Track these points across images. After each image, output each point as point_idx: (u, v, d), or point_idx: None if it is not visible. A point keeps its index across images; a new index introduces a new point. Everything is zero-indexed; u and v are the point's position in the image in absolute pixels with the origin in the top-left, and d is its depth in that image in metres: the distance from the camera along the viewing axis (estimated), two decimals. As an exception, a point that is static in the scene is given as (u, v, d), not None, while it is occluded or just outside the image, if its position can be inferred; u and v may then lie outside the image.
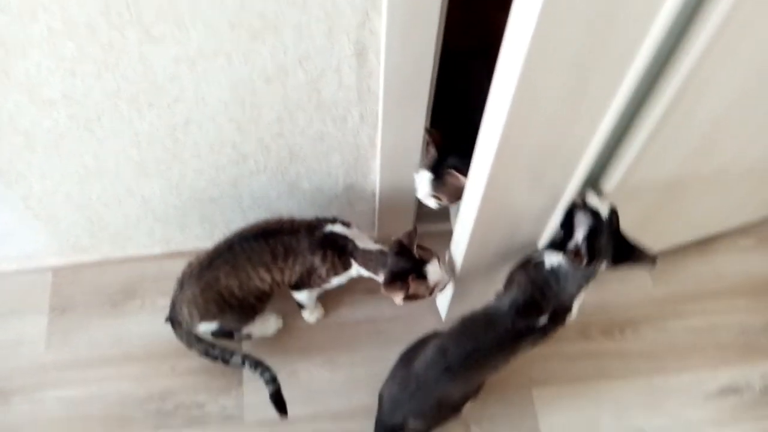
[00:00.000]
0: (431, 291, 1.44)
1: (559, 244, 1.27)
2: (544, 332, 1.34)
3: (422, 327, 1.54)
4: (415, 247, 1.43)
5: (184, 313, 1.56)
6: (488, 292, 1.44)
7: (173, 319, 1.59)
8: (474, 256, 1.41)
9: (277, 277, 1.53)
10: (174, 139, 1.38)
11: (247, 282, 1.51)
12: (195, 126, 1.35)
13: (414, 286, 1.40)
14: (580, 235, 1.22)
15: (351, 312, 1.81)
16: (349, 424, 1.64)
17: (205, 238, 1.78)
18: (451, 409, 1.49)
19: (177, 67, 1.19)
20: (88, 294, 1.80)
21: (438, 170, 1.43)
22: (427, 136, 1.44)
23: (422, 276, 1.41)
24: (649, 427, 1.67)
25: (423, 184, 1.48)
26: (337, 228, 1.50)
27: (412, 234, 1.44)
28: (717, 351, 1.77)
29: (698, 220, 1.73)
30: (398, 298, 1.41)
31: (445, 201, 1.49)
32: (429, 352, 1.40)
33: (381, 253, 1.46)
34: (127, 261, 1.83)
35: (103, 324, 1.76)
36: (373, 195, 1.68)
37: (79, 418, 1.65)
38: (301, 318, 1.78)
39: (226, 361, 1.60)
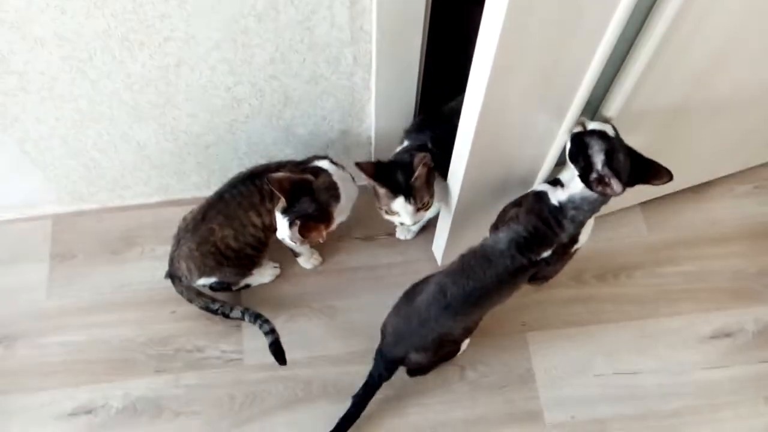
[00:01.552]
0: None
1: (581, 176, 1.21)
2: (548, 264, 1.34)
3: (419, 273, 1.54)
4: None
5: (183, 268, 1.58)
6: (484, 236, 1.45)
7: (172, 275, 1.62)
8: (470, 192, 1.41)
9: (267, 220, 1.53)
10: (167, 82, 1.38)
11: (241, 230, 1.52)
12: (187, 68, 1.35)
13: (320, 230, 1.42)
14: (599, 161, 1.18)
15: (348, 258, 1.82)
16: (348, 367, 1.67)
17: (203, 186, 1.79)
18: (452, 343, 1.51)
19: (166, 4, 1.18)
20: (88, 242, 1.82)
21: (404, 191, 1.42)
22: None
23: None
24: (641, 369, 1.69)
25: (402, 210, 1.46)
26: (324, 163, 1.50)
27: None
28: (710, 296, 1.78)
29: (696, 162, 1.73)
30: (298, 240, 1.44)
31: (429, 202, 1.47)
32: (430, 289, 1.41)
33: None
34: (126, 209, 1.85)
35: (104, 271, 1.79)
36: (369, 141, 1.69)
37: (81, 362, 1.68)
38: (298, 265, 1.79)
39: (226, 315, 1.64)
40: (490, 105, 1.12)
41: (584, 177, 1.21)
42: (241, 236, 1.54)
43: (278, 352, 1.58)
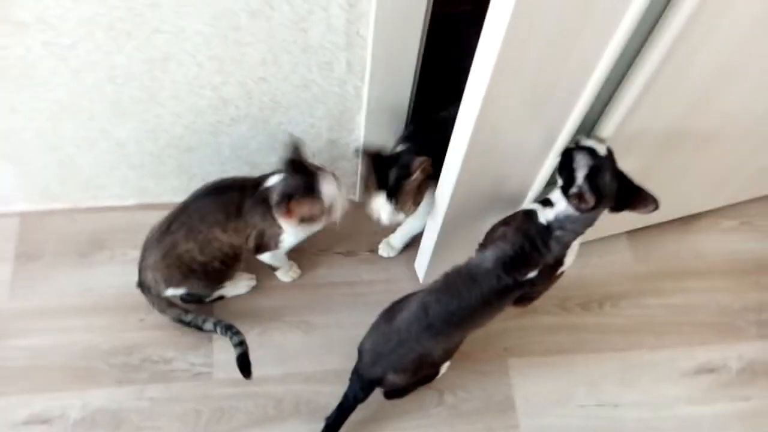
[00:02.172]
0: (328, 212, 1.40)
1: (562, 188, 1.20)
2: (533, 285, 1.30)
3: (401, 292, 1.49)
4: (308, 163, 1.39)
5: (150, 278, 1.52)
6: (469, 255, 1.41)
7: (142, 284, 1.56)
8: (458, 209, 1.38)
9: (234, 239, 1.48)
10: (152, 77, 1.33)
11: (206, 245, 1.46)
12: (174, 63, 1.30)
13: (305, 205, 1.35)
14: (581, 175, 1.16)
15: (328, 273, 1.76)
16: (322, 386, 1.61)
17: (181, 191, 1.70)
18: (432, 365, 1.45)
19: (158, -7, 1.14)
20: (57, 242, 1.74)
21: (387, 188, 1.41)
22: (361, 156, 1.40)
23: (314, 193, 1.36)
24: (623, 401, 1.65)
25: (381, 208, 1.44)
26: (274, 180, 1.44)
27: (294, 147, 1.38)
28: (694, 330, 1.75)
29: (685, 193, 1.72)
30: (292, 219, 1.36)
31: (411, 210, 1.46)
32: (412, 307, 1.36)
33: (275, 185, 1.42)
34: (99, 210, 1.77)
35: (71, 273, 1.70)
36: (357, 153, 1.64)
37: (40, 368, 1.59)
38: (276, 277, 1.73)
39: (199, 327, 1.57)
40: (483, 123, 1.10)
41: (565, 190, 1.19)
42: (206, 250, 1.48)
43: (244, 365, 1.52)
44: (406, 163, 1.38)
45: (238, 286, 1.69)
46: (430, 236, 1.57)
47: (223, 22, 1.21)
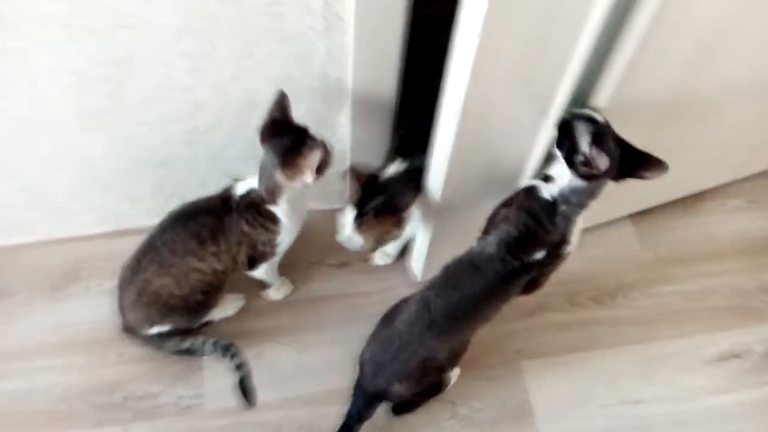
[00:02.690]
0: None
1: (566, 159, 1.13)
2: (541, 267, 1.20)
3: (400, 299, 1.40)
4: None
5: (131, 319, 1.43)
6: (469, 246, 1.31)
7: (127, 328, 1.46)
8: (452, 197, 1.30)
9: (216, 264, 1.37)
10: (117, 81, 1.23)
11: (183, 278, 1.36)
12: (140, 63, 1.20)
13: (314, 153, 1.22)
14: (584, 142, 1.09)
15: (322, 287, 1.65)
16: (324, 408, 1.48)
17: (158, 213, 1.57)
18: (438, 370, 1.34)
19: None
20: (30, 277, 1.61)
21: (362, 209, 1.33)
22: (349, 174, 1.33)
23: (316, 141, 1.24)
24: (645, 397, 1.55)
25: (347, 223, 1.36)
26: (244, 186, 1.35)
27: (281, 101, 1.25)
28: (712, 315, 1.66)
29: (687, 169, 1.64)
30: (307, 174, 1.24)
31: (369, 243, 1.37)
32: (411, 307, 1.27)
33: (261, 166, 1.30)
34: (72, 240, 1.65)
35: (45, 309, 1.58)
36: (344, 155, 1.54)
37: (19, 413, 1.45)
38: (265, 295, 1.61)
39: (200, 353, 1.48)
40: (471, 99, 1.04)
41: (569, 160, 1.12)
42: (184, 283, 1.37)
43: (247, 391, 1.41)
44: (390, 198, 1.32)
45: (225, 309, 1.57)
46: (425, 230, 1.48)
47: (190, 11, 1.12)
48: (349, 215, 1.34)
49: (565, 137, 1.13)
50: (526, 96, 1.11)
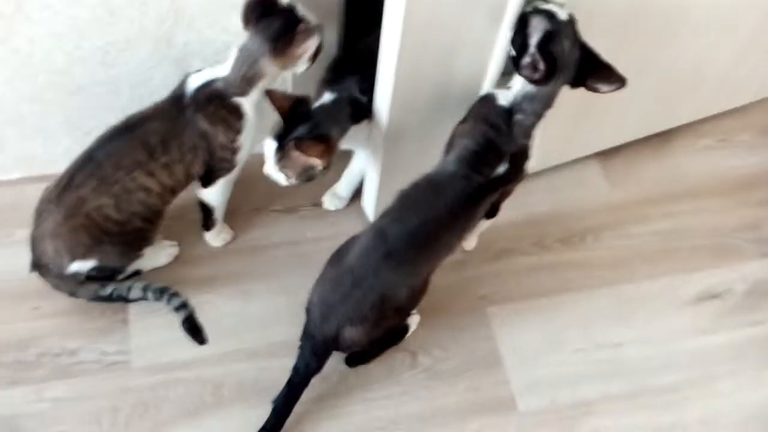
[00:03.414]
0: None
1: (513, 59, 1.03)
2: (505, 182, 1.08)
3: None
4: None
5: (49, 251, 1.24)
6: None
7: (37, 264, 1.27)
8: (401, 123, 1.19)
9: (166, 179, 1.22)
10: (11, -27, 1.06)
11: (125, 198, 1.20)
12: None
13: (310, 36, 1.14)
14: (534, 41, 1.00)
15: (266, 234, 1.49)
16: (269, 361, 1.32)
17: (77, 153, 1.43)
18: (397, 312, 1.19)
19: None
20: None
21: (283, 140, 1.19)
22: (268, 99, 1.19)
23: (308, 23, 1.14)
24: (624, 340, 1.42)
25: (269, 155, 1.22)
26: (199, 77, 1.20)
27: None
28: (689, 255, 1.55)
29: (653, 103, 1.55)
30: (302, 61, 1.16)
31: (292, 178, 1.23)
32: (363, 239, 1.12)
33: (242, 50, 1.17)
34: (-22, 188, 1.46)
35: (-54, 264, 1.38)
36: (283, 79, 1.39)
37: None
38: (203, 244, 1.45)
39: (125, 299, 1.31)
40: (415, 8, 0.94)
41: (517, 61, 1.03)
42: (125, 204, 1.21)
43: (194, 330, 1.29)
44: (315, 127, 1.18)
45: (157, 257, 1.40)
46: (374, 165, 1.34)
47: None
48: (270, 146, 1.20)
49: (520, 33, 1.03)
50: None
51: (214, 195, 1.34)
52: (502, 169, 1.08)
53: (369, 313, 1.13)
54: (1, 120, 1.33)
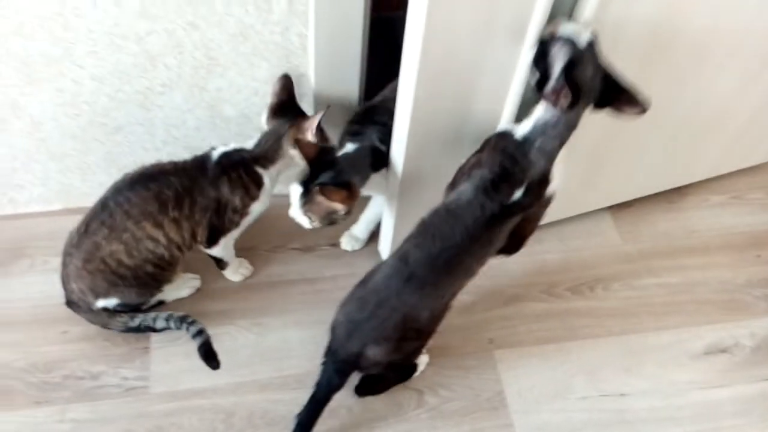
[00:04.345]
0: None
1: (537, 85, 1.06)
2: (523, 209, 1.12)
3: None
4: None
5: (75, 290, 1.33)
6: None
7: (69, 301, 1.36)
8: (417, 163, 1.24)
9: (173, 234, 1.29)
10: (63, 23, 1.17)
11: (134, 245, 1.27)
12: (88, 3, 1.14)
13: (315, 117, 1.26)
14: (557, 69, 1.02)
15: (284, 270, 1.55)
16: (280, 394, 1.37)
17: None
18: (418, 334, 1.23)
19: None
20: (-31, 254, 1.51)
21: (308, 186, 1.26)
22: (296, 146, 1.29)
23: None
24: (630, 390, 1.44)
25: (294, 199, 1.30)
26: (225, 148, 1.31)
27: (285, 83, 1.30)
28: (698, 308, 1.57)
29: (669, 161, 1.59)
30: (310, 133, 1.27)
31: (316, 221, 1.30)
32: (388, 263, 1.18)
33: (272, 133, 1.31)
34: (20, 217, 1.56)
35: (-15, 287, 1.47)
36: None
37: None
38: (223, 278, 1.51)
39: (152, 329, 1.38)
40: (432, 35, 0.98)
41: (540, 87, 1.05)
42: (135, 252, 1.28)
43: (209, 355, 1.33)
44: (339, 174, 1.25)
45: (180, 289, 1.47)
46: (390, 210, 1.40)
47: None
48: (295, 191, 1.27)
49: (540, 60, 1.06)
50: (493, 33, 1.05)
51: (218, 251, 1.41)
52: (518, 194, 1.11)
53: (392, 332, 1.18)
54: (45, 155, 1.43)
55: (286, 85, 1.30)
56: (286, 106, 1.30)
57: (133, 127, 1.40)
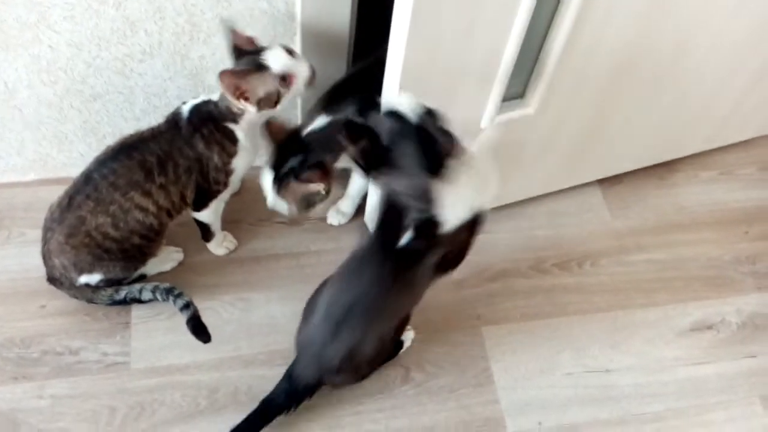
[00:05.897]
0: (287, 84, 1.19)
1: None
2: (422, 254, 1.07)
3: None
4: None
5: (57, 266, 1.29)
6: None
7: (51, 277, 1.32)
8: None
9: (162, 200, 1.26)
10: (37, -15, 1.11)
11: (122, 217, 1.24)
12: (63, -37, 1.08)
13: (253, 80, 1.16)
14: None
15: (269, 245, 1.52)
16: (264, 369, 1.35)
17: (90, 158, 1.47)
18: (371, 362, 1.27)
19: None
20: (-58, 225, 1.47)
21: (278, 170, 1.22)
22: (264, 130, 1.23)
23: (261, 68, 1.16)
24: (616, 366, 1.43)
25: (267, 188, 1.25)
26: (195, 101, 1.25)
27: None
28: (685, 285, 1.56)
29: (656, 135, 1.57)
30: (249, 102, 1.17)
31: (294, 207, 1.26)
32: (321, 305, 1.16)
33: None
34: (-6, 187, 1.51)
35: (-41, 259, 1.43)
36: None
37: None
38: (206, 251, 1.48)
39: (139, 301, 1.35)
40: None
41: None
42: (122, 223, 1.25)
43: (198, 329, 1.30)
44: (311, 156, 1.20)
45: (162, 262, 1.43)
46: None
47: None
48: (267, 179, 1.23)
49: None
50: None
51: (207, 215, 1.38)
52: (407, 238, 1.04)
53: (343, 365, 1.18)
54: (21, 123, 1.37)
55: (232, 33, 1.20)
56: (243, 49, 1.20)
57: (112, 95, 1.35)
